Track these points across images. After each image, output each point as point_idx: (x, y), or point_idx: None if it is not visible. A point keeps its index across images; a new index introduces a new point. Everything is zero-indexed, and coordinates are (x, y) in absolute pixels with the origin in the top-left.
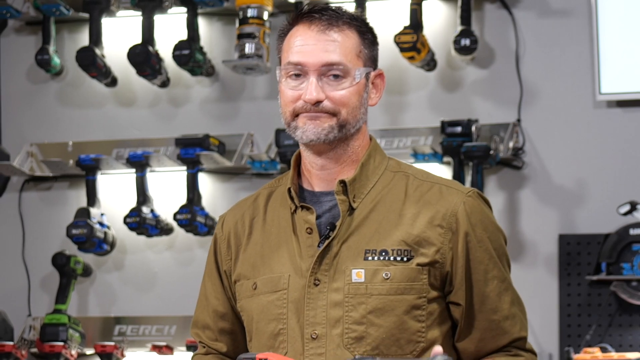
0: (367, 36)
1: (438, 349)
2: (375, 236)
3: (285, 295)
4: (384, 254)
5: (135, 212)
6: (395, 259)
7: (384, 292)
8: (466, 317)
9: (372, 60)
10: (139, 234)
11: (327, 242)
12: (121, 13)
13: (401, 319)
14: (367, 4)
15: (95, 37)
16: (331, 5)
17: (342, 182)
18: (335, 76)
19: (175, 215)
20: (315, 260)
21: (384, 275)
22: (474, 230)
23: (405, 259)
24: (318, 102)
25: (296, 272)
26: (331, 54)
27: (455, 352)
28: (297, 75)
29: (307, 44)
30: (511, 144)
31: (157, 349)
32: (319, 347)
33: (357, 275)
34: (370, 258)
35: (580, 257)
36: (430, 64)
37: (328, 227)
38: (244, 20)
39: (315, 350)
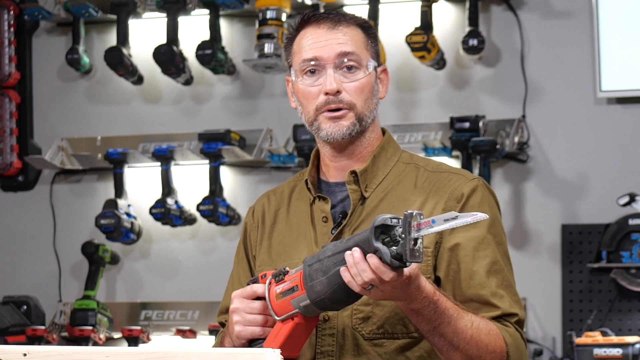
0: (370, 32)
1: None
2: None
3: None
4: None
5: (160, 203)
6: None
7: None
8: (456, 292)
9: (377, 55)
10: (163, 224)
11: (339, 229)
12: (147, 15)
13: None
14: (380, 6)
15: (123, 37)
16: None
17: (354, 172)
18: (349, 68)
19: (198, 206)
20: None
21: None
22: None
23: None
24: (338, 93)
25: None
26: (344, 45)
27: None
28: (312, 72)
29: (320, 40)
30: (516, 139)
31: (181, 333)
32: (330, 327)
33: None
34: None
35: (582, 245)
36: (439, 63)
37: (340, 215)
38: (264, 22)
39: (327, 331)
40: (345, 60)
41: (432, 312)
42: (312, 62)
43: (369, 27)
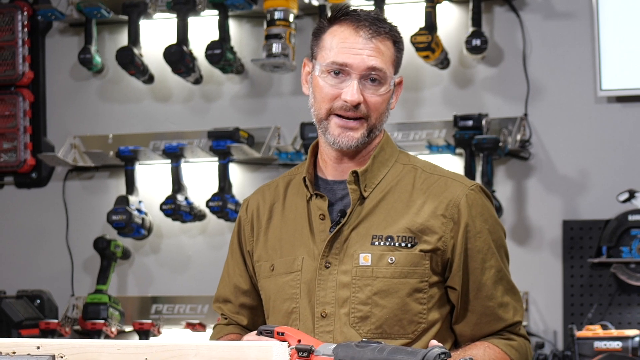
0: (400, 46)
1: (435, 342)
2: (382, 223)
3: (298, 277)
4: (389, 239)
5: (170, 199)
6: (400, 244)
7: (388, 275)
8: (463, 302)
9: (399, 66)
10: (174, 219)
11: (337, 227)
12: (158, 15)
13: (404, 301)
14: (385, 7)
15: (134, 37)
16: (372, 11)
17: (355, 172)
18: (373, 80)
19: (207, 202)
20: (327, 244)
21: (389, 259)
22: (474, 222)
23: (409, 245)
24: (357, 104)
25: (309, 255)
26: (375, 60)
27: (453, 334)
28: (337, 74)
29: (354, 48)
30: (519, 137)
31: (191, 326)
32: (328, 325)
33: (364, 259)
34: (377, 243)
35: (583, 241)
36: (443, 63)
37: (339, 214)
38: (271, 22)
39: (324, 328)
40: (372, 73)
41: None
42: (342, 67)
43: (400, 42)
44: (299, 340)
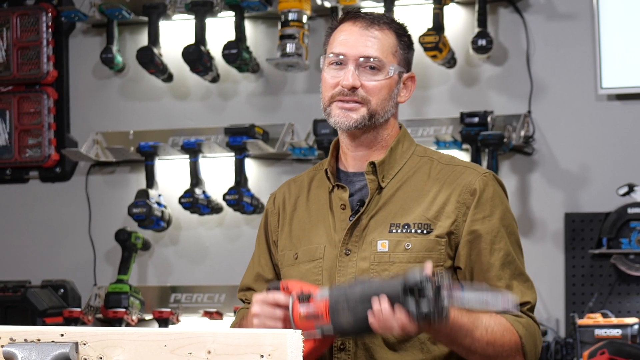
0: (404, 39)
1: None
2: (399, 212)
3: (320, 264)
4: (406, 227)
5: (188, 193)
6: (416, 231)
7: (404, 260)
8: (474, 280)
9: (406, 62)
10: (192, 212)
11: (357, 216)
12: (176, 17)
13: None
14: (395, 9)
15: (154, 38)
16: (375, 12)
17: (372, 163)
18: (371, 68)
19: (224, 196)
20: (346, 232)
21: (405, 245)
22: (485, 205)
23: (425, 231)
24: (354, 88)
25: (330, 244)
26: (369, 49)
27: None
28: (338, 64)
29: (350, 38)
30: (522, 133)
31: (209, 314)
32: None
33: (382, 245)
34: (394, 231)
35: (584, 233)
36: (450, 62)
37: (358, 203)
38: (286, 23)
39: None
40: (366, 60)
41: (449, 331)
42: (338, 57)
43: (403, 35)
44: (301, 289)
